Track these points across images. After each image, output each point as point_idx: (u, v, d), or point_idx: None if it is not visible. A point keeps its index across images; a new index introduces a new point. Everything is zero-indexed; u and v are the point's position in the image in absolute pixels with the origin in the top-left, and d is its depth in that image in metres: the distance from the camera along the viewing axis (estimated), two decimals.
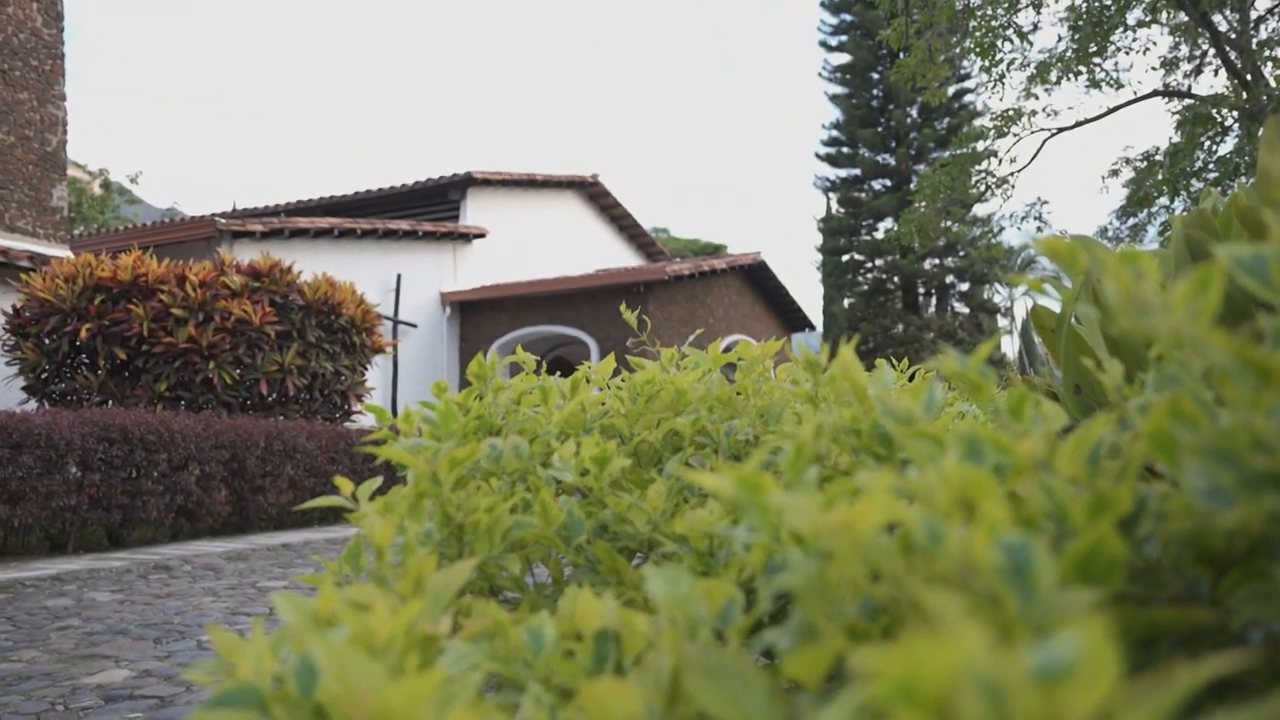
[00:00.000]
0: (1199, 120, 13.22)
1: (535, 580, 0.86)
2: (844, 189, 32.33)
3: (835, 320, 31.06)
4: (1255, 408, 0.40)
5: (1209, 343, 0.41)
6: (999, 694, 0.27)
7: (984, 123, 16.30)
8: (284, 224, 13.59)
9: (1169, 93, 15.40)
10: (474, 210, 17.85)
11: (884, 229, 30.72)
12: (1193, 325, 0.41)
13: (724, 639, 0.47)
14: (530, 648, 0.51)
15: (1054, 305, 0.89)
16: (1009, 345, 36.54)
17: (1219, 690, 0.38)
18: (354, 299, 10.24)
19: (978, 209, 19.16)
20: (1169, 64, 15.62)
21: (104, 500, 6.88)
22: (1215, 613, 0.41)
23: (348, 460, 9.09)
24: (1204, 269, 0.42)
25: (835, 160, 32.51)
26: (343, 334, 10.10)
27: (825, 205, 32.96)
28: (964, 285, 31.30)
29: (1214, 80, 17.53)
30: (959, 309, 31.70)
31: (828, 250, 32.07)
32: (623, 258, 22.37)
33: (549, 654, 0.51)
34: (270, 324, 9.15)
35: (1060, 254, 0.57)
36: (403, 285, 15.85)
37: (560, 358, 18.59)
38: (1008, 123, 15.39)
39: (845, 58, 32.35)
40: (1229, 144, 13.75)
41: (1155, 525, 0.44)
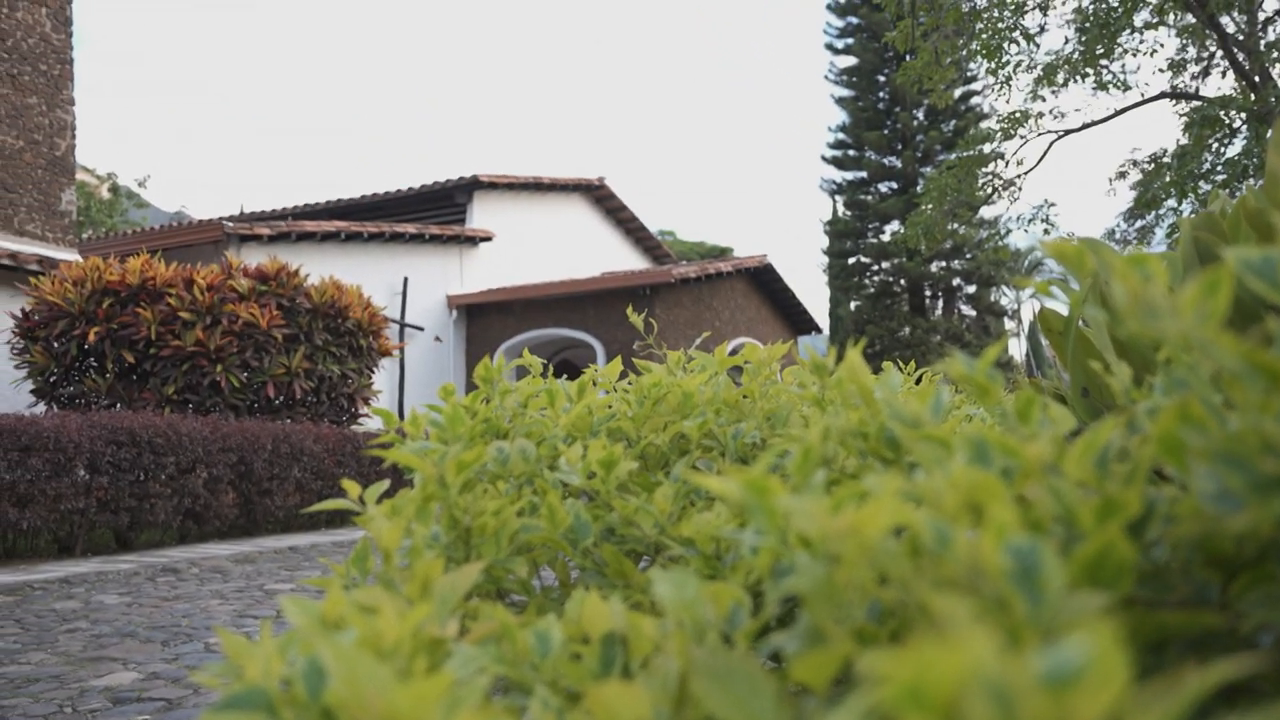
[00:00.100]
0: (1207, 122, 13.18)
1: (542, 583, 0.86)
2: (850, 192, 32.33)
3: (841, 323, 31.03)
4: (1264, 411, 0.40)
5: (1218, 346, 0.41)
6: (1008, 698, 0.27)
7: (991, 125, 16.26)
8: (291, 227, 13.63)
9: (1176, 95, 15.37)
10: (480, 213, 17.88)
11: (890, 232, 30.71)
12: (1201, 328, 0.41)
13: (731, 642, 0.47)
14: (537, 651, 0.51)
15: (1061, 308, 0.89)
16: (1016, 348, 36.46)
17: (1229, 694, 0.38)
18: (361, 302, 10.26)
19: (984, 211, 19.12)
20: (1176, 66, 15.59)
21: (112, 503, 6.90)
22: (1225, 616, 0.41)
23: (354, 463, 9.10)
24: (1212, 272, 0.42)
25: (841, 163, 32.51)
26: (349, 337, 10.12)
27: (831, 208, 32.96)
28: (971, 288, 31.27)
29: (1222, 82, 17.44)
30: (966, 312, 31.66)
31: (834, 253, 32.06)
32: (629, 261, 22.39)
33: (556, 657, 0.51)
34: (277, 327, 9.17)
35: (1068, 257, 0.57)
36: (409, 288, 15.88)
37: (566, 360, 18.61)
38: (1014, 125, 15.37)
39: (851, 60, 32.36)
40: (1237, 146, 13.70)
41: (1164, 529, 0.44)
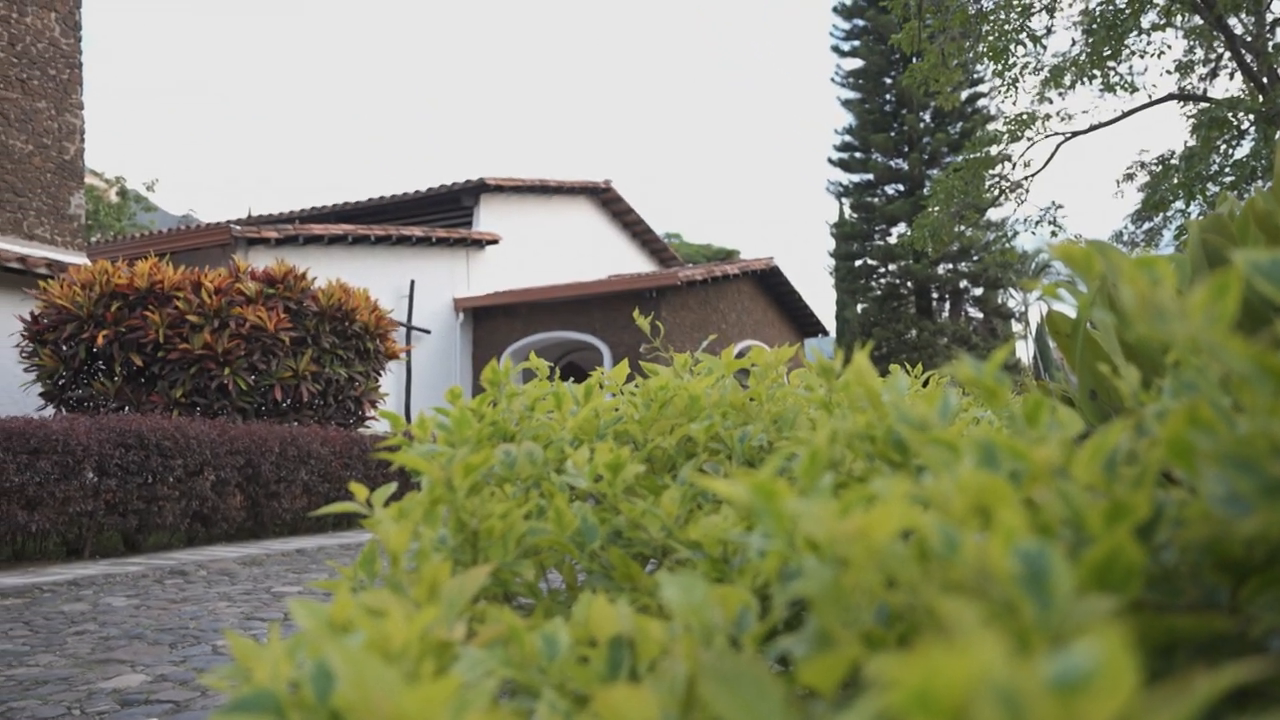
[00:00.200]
0: (1215, 124, 13.13)
1: (549, 586, 0.86)
2: (857, 194, 32.32)
3: (848, 325, 31.00)
4: (1274, 414, 0.40)
5: (1227, 348, 0.41)
6: (1017, 703, 0.27)
7: (997, 127, 16.23)
8: (298, 230, 13.67)
9: (1184, 96, 15.32)
10: (487, 216, 17.91)
11: (897, 234, 30.68)
12: (1210, 331, 0.41)
13: (739, 646, 0.47)
14: (545, 654, 0.51)
15: (1069, 310, 0.89)
16: (1023, 350, 36.38)
17: (1239, 699, 0.38)
18: (368, 305, 10.28)
19: (991, 214, 19.09)
20: (1184, 67, 15.55)
21: (120, 506, 6.92)
22: (1234, 620, 0.41)
23: (361, 466, 9.12)
24: (1221, 274, 0.42)
25: (848, 165, 32.50)
26: (357, 340, 10.14)
27: (838, 210, 32.96)
28: (978, 290, 31.23)
29: (1229, 83, 17.39)
30: (973, 314, 31.62)
31: (841, 255, 32.04)
32: (635, 263, 22.39)
33: (564, 660, 0.51)
34: (285, 330, 9.20)
35: (1076, 259, 0.57)
36: (416, 291, 15.90)
37: (573, 363, 18.62)
38: (1021, 127, 15.34)
39: (857, 63, 32.36)
40: (1245, 147, 13.66)
41: (1173, 532, 0.44)
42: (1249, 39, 13.70)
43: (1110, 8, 13.95)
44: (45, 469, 6.34)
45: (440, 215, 18.59)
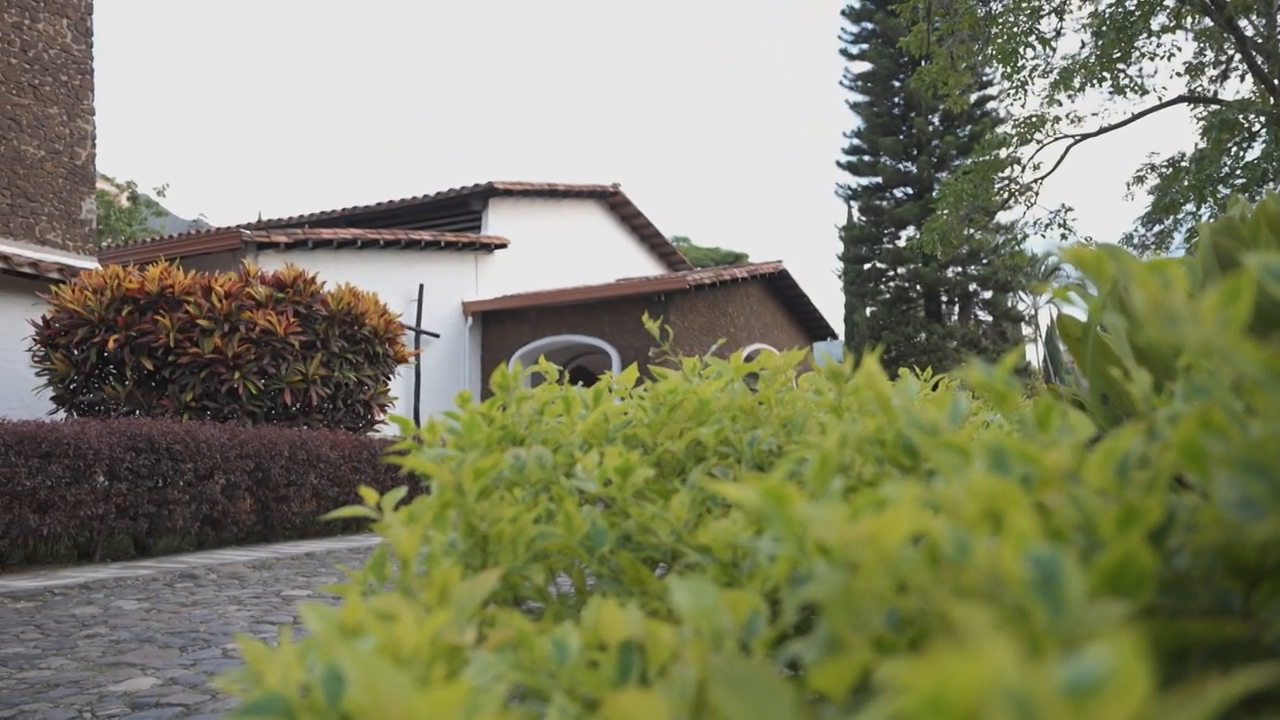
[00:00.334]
0: (1225, 126, 13.08)
1: (558, 590, 0.86)
2: (865, 197, 32.27)
3: (857, 329, 30.94)
4: None
5: (1239, 352, 0.41)
6: (1029, 708, 0.27)
7: (1007, 130, 16.20)
8: (308, 235, 13.71)
9: (1194, 98, 15.27)
10: (495, 220, 17.94)
11: (906, 237, 30.62)
12: (1222, 335, 0.41)
13: (749, 650, 0.47)
14: (555, 658, 0.51)
15: (1079, 313, 0.89)
16: (1033, 353, 36.25)
17: (1252, 704, 0.38)
18: (377, 309, 10.31)
19: (1001, 216, 19.05)
20: (1194, 69, 15.49)
21: (131, 509, 6.95)
22: (1248, 625, 0.40)
23: (370, 470, 9.13)
24: (1233, 278, 0.42)
25: (856, 168, 32.46)
26: (366, 344, 10.16)
27: (847, 213, 32.90)
28: (987, 293, 31.13)
29: (1240, 85, 17.34)
30: (982, 317, 31.53)
31: (849, 259, 31.99)
32: (644, 267, 22.41)
33: (574, 664, 0.51)
34: (294, 334, 9.23)
35: (1087, 263, 0.57)
36: (425, 295, 15.94)
37: (582, 367, 18.63)
38: (1031, 129, 15.30)
39: (866, 66, 32.33)
40: (1256, 150, 13.60)
41: (1185, 537, 0.44)
42: (1260, 41, 13.64)
43: (1120, 10, 13.91)
44: (57, 473, 6.37)
45: (449, 219, 18.63)
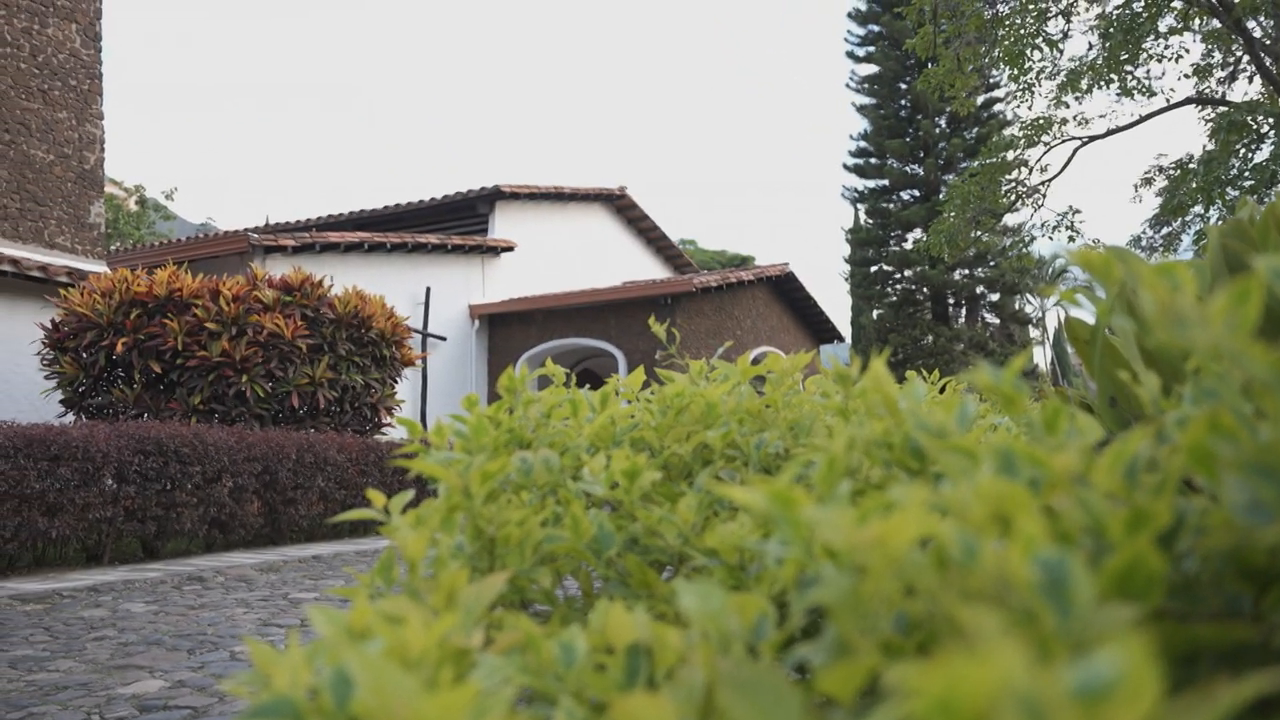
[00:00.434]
0: (1234, 127, 13.03)
1: (565, 593, 0.86)
2: (872, 200, 32.21)
3: (864, 332, 30.89)
4: None
5: (1248, 355, 0.41)
6: (1039, 712, 0.27)
7: (1013, 132, 16.16)
8: (315, 238, 13.75)
9: (1203, 100, 15.22)
10: (502, 223, 17.97)
11: (913, 240, 30.55)
12: (1231, 338, 0.41)
13: (757, 654, 0.47)
14: (562, 661, 0.51)
15: (1087, 316, 0.89)
16: (1040, 356, 36.13)
17: (1262, 709, 0.38)
18: (384, 312, 10.33)
19: (1008, 219, 18.99)
20: (1202, 71, 15.44)
21: (139, 512, 6.97)
22: (1257, 629, 0.40)
23: (377, 472, 9.15)
24: (1242, 280, 0.42)
25: (863, 171, 32.42)
26: (373, 347, 10.18)
27: (853, 216, 32.86)
28: (994, 296, 31.04)
29: (1249, 87, 17.26)
30: (989, 320, 31.44)
31: (856, 261, 31.94)
32: (650, 270, 22.40)
33: (581, 667, 0.51)
34: (302, 337, 9.25)
35: (1095, 265, 0.57)
36: (432, 298, 15.96)
37: (588, 370, 18.63)
38: (1038, 132, 15.27)
39: (873, 68, 32.30)
40: (1265, 151, 13.54)
41: (1195, 540, 0.44)
42: (1268, 42, 13.59)
43: (1127, 11, 13.88)
44: (65, 476, 6.39)
45: (456, 222, 18.66)
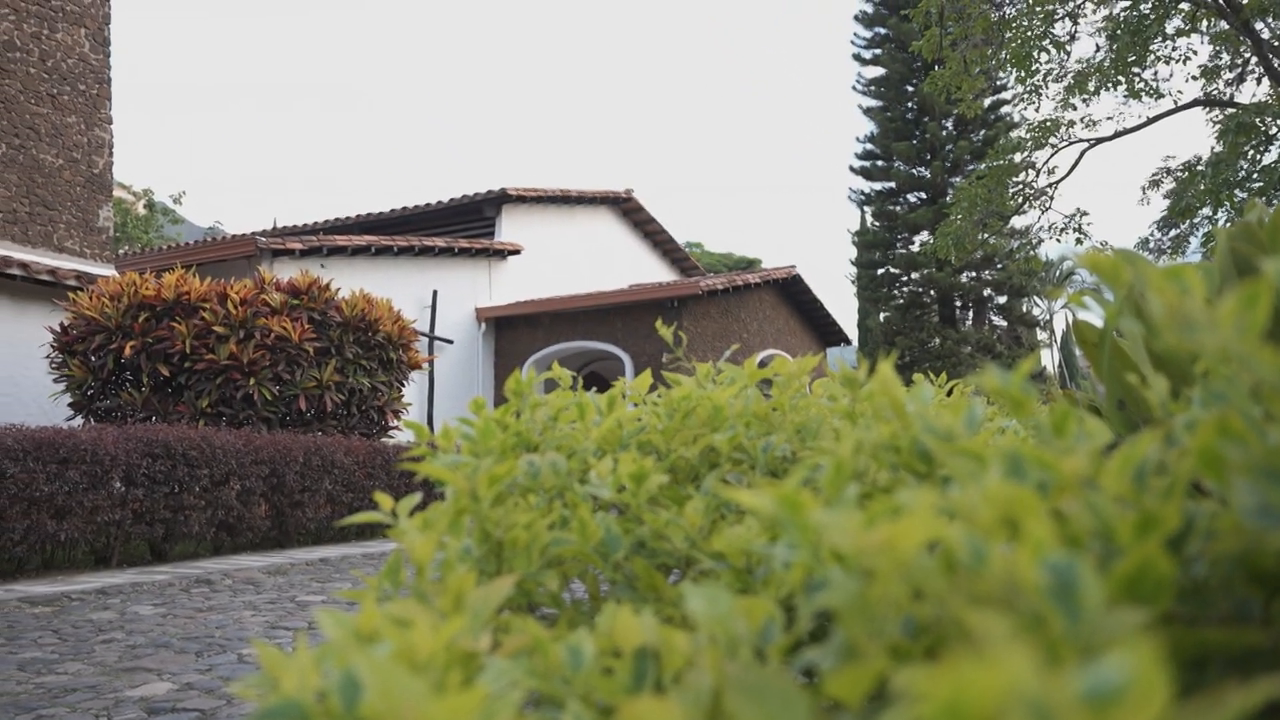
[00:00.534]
0: (1242, 129, 12.99)
1: (572, 597, 0.86)
2: (879, 202, 32.18)
3: (871, 334, 30.85)
4: None
5: (1257, 358, 0.40)
6: (1048, 716, 0.27)
7: (1021, 134, 16.12)
8: (322, 242, 13.78)
9: (1210, 102, 15.17)
10: (509, 226, 17.99)
11: (920, 242, 30.50)
12: (1240, 341, 0.41)
13: (764, 657, 0.47)
14: (570, 665, 0.51)
15: (1094, 319, 0.88)
16: (1048, 359, 36.03)
17: (1272, 713, 0.38)
18: (391, 315, 10.34)
19: (1015, 221, 18.95)
20: (1210, 73, 15.39)
21: (147, 515, 6.99)
22: (1267, 634, 0.40)
23: (384, 475, 9.16)
24: (1251, 283, 0.41)
25: (870, 174, 32.39)
26: (380, 350, 10.20)
27: (860, 218, 32.84)
28: (1002, 298, 30.98)
29: (1257, 89, 17.21)
30: (997, 322, 31.36)
31: (863, 264, 31.90)
32: (657, 273, 22.41)
33: (588, 671, 0.51)
34: (309, 341, 9.27)
35: (1103, 268, 0.57)
36: (439, 301, 15.99)
37: (595, 373, 18.63)
38: (1045, 134, 15.24)
39: (879, 71, 32.28)
40: (1273, 153, 13.50)
41: (1204, 544, 0.44)
42: (1276, 44, 13.55)
43: (1134, 13, 13.85)
44: (74, 478, 6.41)
45: (462, 225, 18.69)
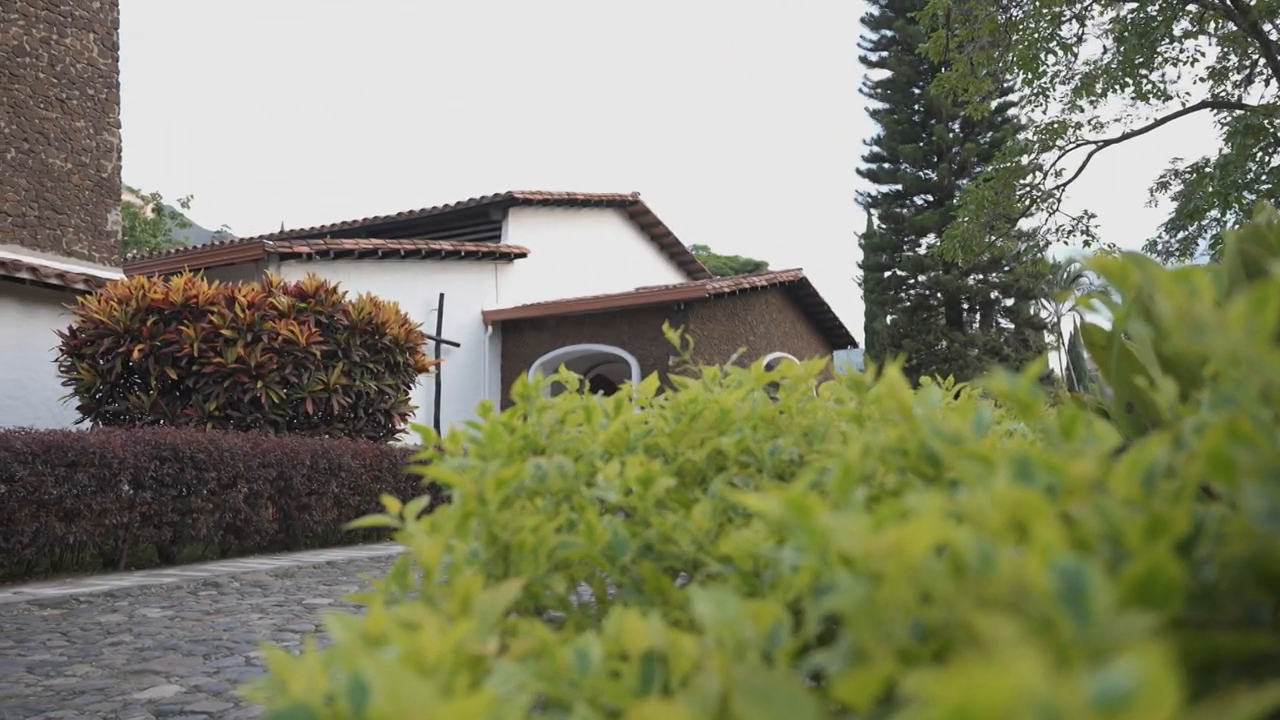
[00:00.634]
0: (1250, 131, 12.94)
1: (580, 600, 0.86)
2: (885, 205, 32.15)
3: (878, 337, 30.80)
4: None
5: (1266, 361, 0.40)
6: None
7: (1028, 136, 16.09)
8: (329, 245, 13.81)
9: (1218, 103, 15.12)
10: (515, 229, 18.01)
11: (927, 244, 30.44)
12: (1250, 343, 0.41)
13: (772, 661, 0.47)
14: (577, 668, 0.51)
15: (1102, 321, 0.88)
16: (1055, 361, 35.91)
17: None
18: (398, 318, 10.36)
19: (1023, 223, 18.91)
20: (1218, 74, 15.35)
21: (155, 518, 7.01)
22: (1277, 638, 0.40)
23: (392, 479, 9.17)
24: (1260, 286, 0.41)
25: (876, 176, 32.35)
26: (387, 353, 10.21)
27: (866, 221, 32.80)
28: (1009, 301, 30.92)
29: (1265, 90, 17.17)
30: (1004, 325, 31.29)
31: (869, 266, 31.87)
32: (663, 276, 22.41)
33: (596, 674, 0.51)
34: (316, 344, 9.29)
35: (1111, 271, 0.56)
36: (445, 304, 16.02)
37: (601, 376, 18.64)
38: (1052, 136, 15.21)
39: (885, 73, 32.26)
40: None
41: (1213, 548, 0.43)
42: None
43: (1142, 15, 13.82)
44: (82, 481, 6.43)
45: (468, 229, 18.72)
